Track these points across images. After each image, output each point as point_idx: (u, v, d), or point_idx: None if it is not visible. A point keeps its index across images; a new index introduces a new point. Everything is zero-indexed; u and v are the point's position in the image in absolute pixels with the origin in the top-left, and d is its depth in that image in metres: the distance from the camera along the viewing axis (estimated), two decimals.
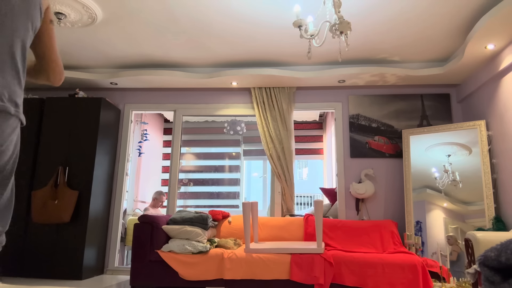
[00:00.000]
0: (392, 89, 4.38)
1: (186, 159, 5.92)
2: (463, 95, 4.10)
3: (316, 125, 6.69)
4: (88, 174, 3.96)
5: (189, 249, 3.12)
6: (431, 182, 3.78)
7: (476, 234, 2.43)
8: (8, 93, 1.14)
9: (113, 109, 4.41)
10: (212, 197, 5.69)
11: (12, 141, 1.19)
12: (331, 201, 4.68)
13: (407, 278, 2.88)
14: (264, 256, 3.05)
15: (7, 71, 1.14)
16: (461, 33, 3.48)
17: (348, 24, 2.32)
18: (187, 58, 4.12)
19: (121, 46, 3.86)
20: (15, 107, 1.17)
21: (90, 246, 3.91)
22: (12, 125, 1.17)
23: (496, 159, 3.50)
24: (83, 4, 3.04)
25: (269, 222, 3.79)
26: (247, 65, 4.27)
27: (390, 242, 3.53)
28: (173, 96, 4.62)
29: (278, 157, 4.23)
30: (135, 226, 3.23)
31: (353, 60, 4.13)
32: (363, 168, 4.21)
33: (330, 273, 2.95)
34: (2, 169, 1.17)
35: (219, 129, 5.86)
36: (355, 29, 3.43)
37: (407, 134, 4.05)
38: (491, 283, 1.06)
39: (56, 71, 1.36)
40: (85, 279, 3.81)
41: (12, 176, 1.23)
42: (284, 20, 3.31)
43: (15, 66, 1.17)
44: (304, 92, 4.47)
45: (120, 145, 4.51)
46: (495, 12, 2.78)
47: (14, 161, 1.25)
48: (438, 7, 3.05)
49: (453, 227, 3.56)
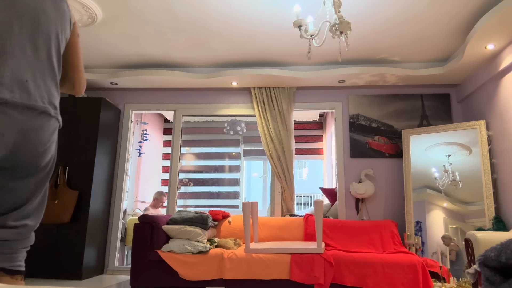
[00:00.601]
0: (392, 89, 4.38)
1: (186, 159, 5.92)
2: (463, 95, 4.10)
3: (316, 125, 6.69)
4: (88, 174, 3.96)
5: (189, 249, 3.12)
6: (431, 182, 3.78)
7: (476, 234, 2.43)
8: (48, 96, 1.22)
9: (113, 109, 4.41)
10: (212, 197, 5.69)
11: (54, 141, 1.28)
12: (331, 201, 4.68)
13: (407, 278, 2.88)
14: (264, 256, 3.05)
15: (47, 74, 1.22)
16: (461, 33, 3.48)
17: (348, 24, 2.32)
18: (187, 58, 4.12)
19: (121, 46, 3.86)
20: (54, 109, 1.25)
21: (90, 246, 3.91)
22: (53, 126, 1.25)
23: (496, 159, 3.50)
24: (83, 4, 3.04)
25: (269, 222, 3.79)
26: (247, 65, 4.27)
27: (390, 242, 3.53)
28: (173, 96, 4.62)
29: (278, 157, 4.23)
30: (135, 226, 3.23)
31: (353, 60, 4.13)
32: (363, 168, 4.21)
33: (330, 273, 2.95)
34: (45, 166, 1.26)
35: (219, 129, 5.86)
36: (355, 29, 3.43)
37: (407, 134, 4.05)
38: (491, 283, 1.06)
39: (81, 82, 1.47)
40: (85, 279, 3.81)
41: (50, 174, 1.32)
42: (284, 20, 3.31)
43: (53, 70, 1.25)
44: (304, 92, 4.47)
45: (120, 145, 4.51)
46: (495, 12, 2.78)
47: (54, 161, 1.34)
48: (438, 7, 3.05)
49: (453, 227, 3.56)
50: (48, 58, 1.23)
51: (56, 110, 1.28)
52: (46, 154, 1.25)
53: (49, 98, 1.23)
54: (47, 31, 1.22)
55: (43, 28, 1.20)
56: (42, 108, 1.18)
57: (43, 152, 1.24)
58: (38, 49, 1.19)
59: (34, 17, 1.17)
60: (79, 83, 1.47)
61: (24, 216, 1.25)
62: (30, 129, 1.16)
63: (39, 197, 1.29)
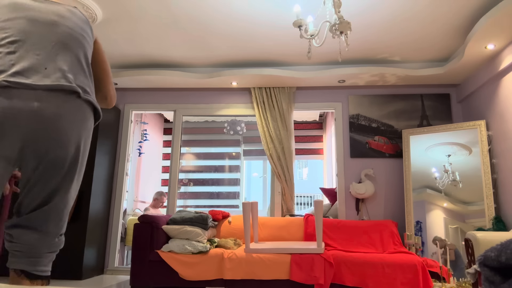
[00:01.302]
0: (392, 89, 4.38)
1: (186, 159, 5.92)
2: (463, 95, 4.10)
3: (316, 125, 6.68)
4: (88, 174, 3.96)
5: (189, 249, 3.12)
6: (431, 182, 3.78)
7: (476, 234, 2.43)
8: (76, 80, 1.33)
9: (113, 109, 4.40)
10: (212, 197, 5.69)
11: (83, 132, 1.33)
12: (331, 201, 4.68)
13: (407, 278, 2.88)
14: (264, 256, 3.04)
15: (79, 73, 1.37)
16: (461, 33, 3.48)
17: (348, 24, 2.32)
18: (187, 58, 4.12)
19: (121, 46, 3.86)
20: (83, 92, 1.34)
21: (90, 246, 3.91)
22: (84, 112, 1.33)
23: (496, 159, 3.50)
24: (83, 4, 3.04)
25: (269, 222, 3.79)
26: (247, 65, 4.27)
27: (390, 242, 3.53)
28: (173, 96, 4.62)
29: (278, 157, 4.23)
30: (135, 226, 3.23)
31: (353, 60, 4.13)
32: (363, 168, 4.21)
33: (330, 273, 2.95)
34: (62, 162, 1.27)
35: (219, 129, 5.86)
36: (355, 29, 3.43)
37: (407, 134, 4.05)
38: (491, 283, 1.06)
39: (111, 93, 1.61)
40: (85, 279, 3.81)
41: (75, 173, 1.32)
42: (284, 20, 3.31)
43: (83, 70, 1.39)
44: (304, 92, 4.47)
45: (120, 145, 4.51)
46: (495, 12, 2.78)
47: (84, 157, 1.36)
48: (438, 7, 3.05)
49: (453, 227, 3.56)
50: (78, 61, 1.38)
51: (86, 93, 1.35)
52: (68, 145, 1.26)
53: (78, 83, 1.33)
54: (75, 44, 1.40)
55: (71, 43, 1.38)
56: (67, 87, 1.27)
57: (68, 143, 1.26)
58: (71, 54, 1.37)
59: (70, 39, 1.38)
60: (110, 95, 1.60)
61: (47, 219, 1.24)
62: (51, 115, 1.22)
63: (66, 202, 1.30)
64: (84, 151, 1.33)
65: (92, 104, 1.37)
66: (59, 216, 1.28)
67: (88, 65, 1.44)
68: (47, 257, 1.25)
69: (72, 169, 1.28)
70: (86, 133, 1.33)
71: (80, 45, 1.40)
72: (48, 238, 1.25)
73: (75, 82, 1.31)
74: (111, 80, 1.62)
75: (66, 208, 1.30)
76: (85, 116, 1.32)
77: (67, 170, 1.27)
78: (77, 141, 1.28)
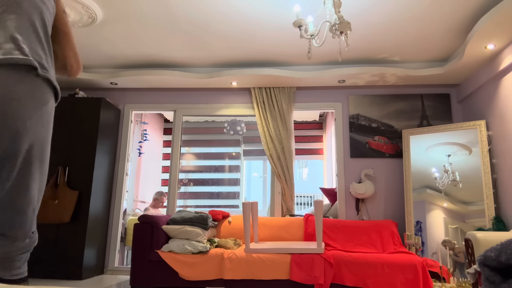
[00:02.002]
0: (392, 89, 4.38)
1: (186, 159, 5.92)
2: (463, 95, 4.10)
3: (316, 125, 6.68)
4: (88, 174, 3.96)
5: (189, 249, 3.12)
6: (431, 182, 3.78)
7: (476, 234, 2.43)
8: (32, 52, 1.10)
9: (113, 109, 4.40)
10: (212, 197, 5.69)
11: (42, 118, 1.10)
12: (331, 201, 4.68)
13: (407, 278, 2.88)
14: (264, 256, 3.04)
15: (34, 43, 1.13)
16: (461, 33, 3.48)
17: (348, 24, 2.32)
18: (187, 58, 4.12)
19: (121, 46, 3.86)
20: (41, 68, 1.11)
21: (90, 246, 3.91)
22: (43, 93, 1.09)
23: (496, 159, 3.50)
24: (83, 4, 3.04)
25: (269, 222, 3.79)
26: (247, 65, 4.27)
27: (390, 242, 3.53)
28: (173, 96, 4.62)
29: (278, 157, 4.23)
30: (135, 226, 3.23)
31: (353, 60, 4.13)
32: (363, 168, 4.21)
33: (330, 273, 2.95)
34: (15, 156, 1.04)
35: (219, 129, 5.85)
36: (355, 29, 3.43)
37: (407, 134, 4.05)
38: (491, 283, 1.06)
39: (73, 62, 1.34)
40: (85, 279, 3.81)
41: (33, 168, 1.10)
42: (284, 20, 3.31)
43: (40, 40, 1.16)
44: (304, 92, 4.47)
45: (120, 145, 4.51)
46: (495, 12, 2.78)
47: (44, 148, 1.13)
48: (438, 7, 3.05)
49: (453, 227, 3.56)
50: (32, 26, 1.14)
51: (44, 69, 1.12)
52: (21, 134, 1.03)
53: (33, 55, 1.10)
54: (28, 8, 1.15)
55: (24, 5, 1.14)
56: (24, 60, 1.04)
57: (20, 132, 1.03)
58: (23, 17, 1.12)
59: None
60: (70, 62, 1.33)
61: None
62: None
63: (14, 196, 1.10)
64: (44, 141, 1.12)
65: (51, 82, 1.15)
66: (23, 217, 1.10)
67: (47, 35, 1.18)
68: (20, 259, 1.12)
69: (28, 163, 1.08)
70: (46, 119, 1.11)
71: (36, 7, 1.15)
72: (17, 241, 1.11)
73: (31, 55, 1.08)
74: (74, 46, 1.34)
75: (30, 207, 1.11)
76: (45, 99, 1.09)
77: (22, 165, 1.06)
78: (34, 130, 1.06)
